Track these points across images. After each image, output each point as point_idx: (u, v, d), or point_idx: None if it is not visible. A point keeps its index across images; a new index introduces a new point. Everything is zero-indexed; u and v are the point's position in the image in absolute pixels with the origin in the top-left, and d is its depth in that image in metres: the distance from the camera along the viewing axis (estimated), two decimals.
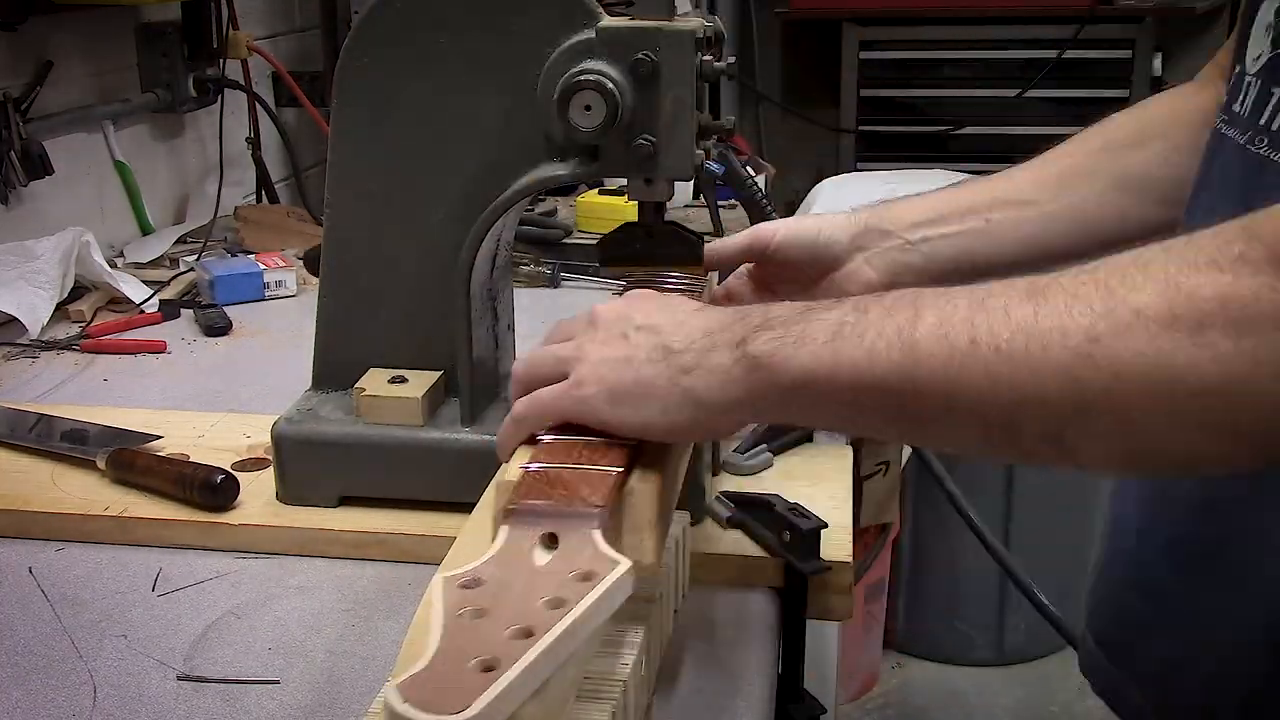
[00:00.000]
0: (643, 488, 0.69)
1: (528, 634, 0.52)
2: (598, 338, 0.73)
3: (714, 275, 1.00)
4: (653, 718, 0.74)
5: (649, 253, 0.93)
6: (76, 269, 1.50)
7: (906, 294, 0.64)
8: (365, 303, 0.96)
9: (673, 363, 0.69)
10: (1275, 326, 0.53)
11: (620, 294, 0.83)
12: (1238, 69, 0.82)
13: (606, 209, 1.72)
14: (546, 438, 0.73)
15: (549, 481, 0.67)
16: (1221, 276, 0.54)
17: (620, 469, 0.68)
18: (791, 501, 0.90)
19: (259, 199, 2.08)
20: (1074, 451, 0.59)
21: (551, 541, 0.61)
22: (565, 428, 0.74)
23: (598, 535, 0.61)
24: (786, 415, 0.71)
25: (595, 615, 0.55)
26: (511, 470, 0.68)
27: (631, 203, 0.94)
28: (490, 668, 0.50)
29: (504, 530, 0.62)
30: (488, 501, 0.73)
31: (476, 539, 0.67)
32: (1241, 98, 0.80)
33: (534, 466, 0.68)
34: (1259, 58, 0.80)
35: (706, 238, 0.94)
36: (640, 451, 0.72)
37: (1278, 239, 0.54)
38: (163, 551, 0.92)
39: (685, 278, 0.91)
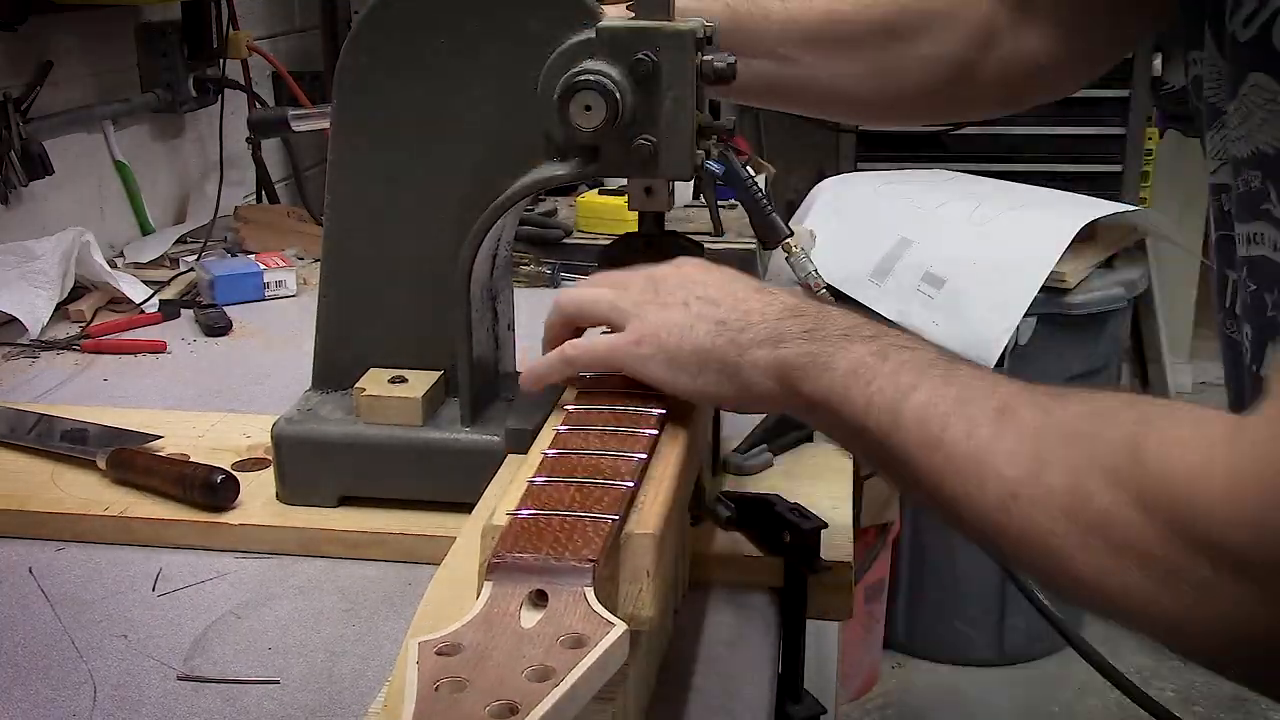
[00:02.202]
0: (641, 535, 0.66)
1: (510, 711, 0.48)
2: (659, 299, 0.78)
3: None
4: (653, 718, 0.74)
5: (649, 262, 0.93)
6: (76, 269, 1.50)
7: (922, 355, 0.70)
8: (365, 303, 0.96)
9: (729, 339, 0.75)
10: (1141, 566, 0.57)
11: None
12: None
13: (606, 209, 1.72)
14: (571, 408, 0.76)
15: (537, 532, 0.62)
16: (1118, 494, 0.58)
17: (615, 517, 0.64)
18: (791, 501, 0.90)
19: (259, 199, 2.08)
20: (1010, 562, 0.65)
21: (540, 599, 0.57)
22: (599, 380, 0.78)
23: (590, 593, 0.57)
24: (811, 421, 0.79)
25: (585, 688, 0.51)
26: (498, 514, 0.65)
27: (633, 212, 0.94)
28: None
29: (488, 587, 0.58)
30: (463, 549, 0.71)
31: (454, 583, 0.65)
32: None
33: (523, 513, 0.64)
34: (1212, 237, 0.84)
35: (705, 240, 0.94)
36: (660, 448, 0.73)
37: (1161, 493, 0.57)
38: (163, 551, 0.92)
39: None
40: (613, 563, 0.65)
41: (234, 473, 0.95)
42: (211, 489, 0.93)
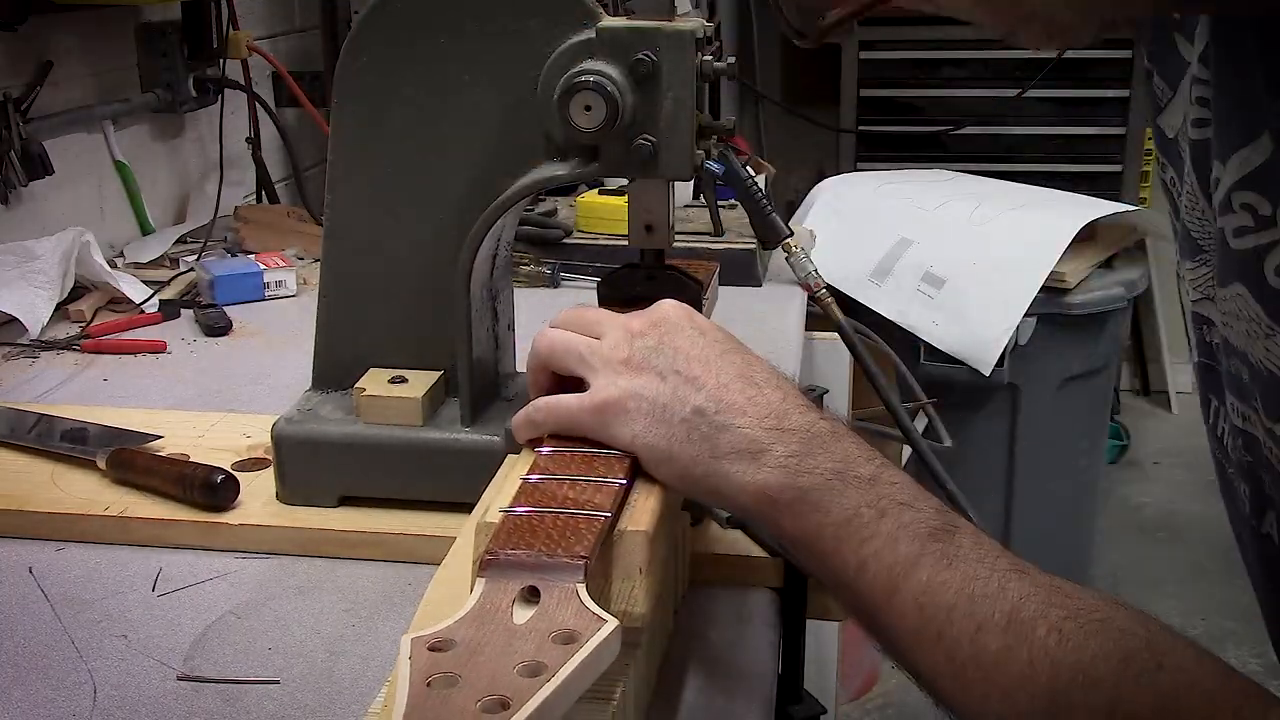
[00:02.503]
0: (634, 532, 0.66)
1: (502, 706, 0.48)
2: (633, 361, 0.72)
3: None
4: (653, 718, 0.74)
5: (649, 295, 0.94)
6: (76, 269, 1.50)
7: (922, 518, 0.66)
8: (365, 303, 0.96)
9: (707, 438, 0.69)
10: None
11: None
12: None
13: (606, 209, 1.72)
14: (545, 450, 0.72)
15: (530, 529, 0.62)
16: None
17: (608, 514, 0.64)
18: None
19: (259, 199, 2.08)
20: None
21: (532, 595, 0.57)
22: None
23: (582, 590, 0.57)
24: (785, 545, 0.72)
25: (577, 683, 0.51)
26: (491, 511, 0.66)
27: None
28: None
29: (480, 583, 0.58)
30: (462, 549, 0.71)
31: (454, 582, 0.65)
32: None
33: (517, 510, 0.64)
34: (1192, 357, 0.82)
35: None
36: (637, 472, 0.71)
37: None
38: (163, 551, 0.92)
39: None
40: (605, 560, 0.65)
41: (234, 473, 0.95)
42: (211, 489, 0.93)
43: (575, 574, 0.58)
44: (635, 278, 0.93)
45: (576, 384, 0.76)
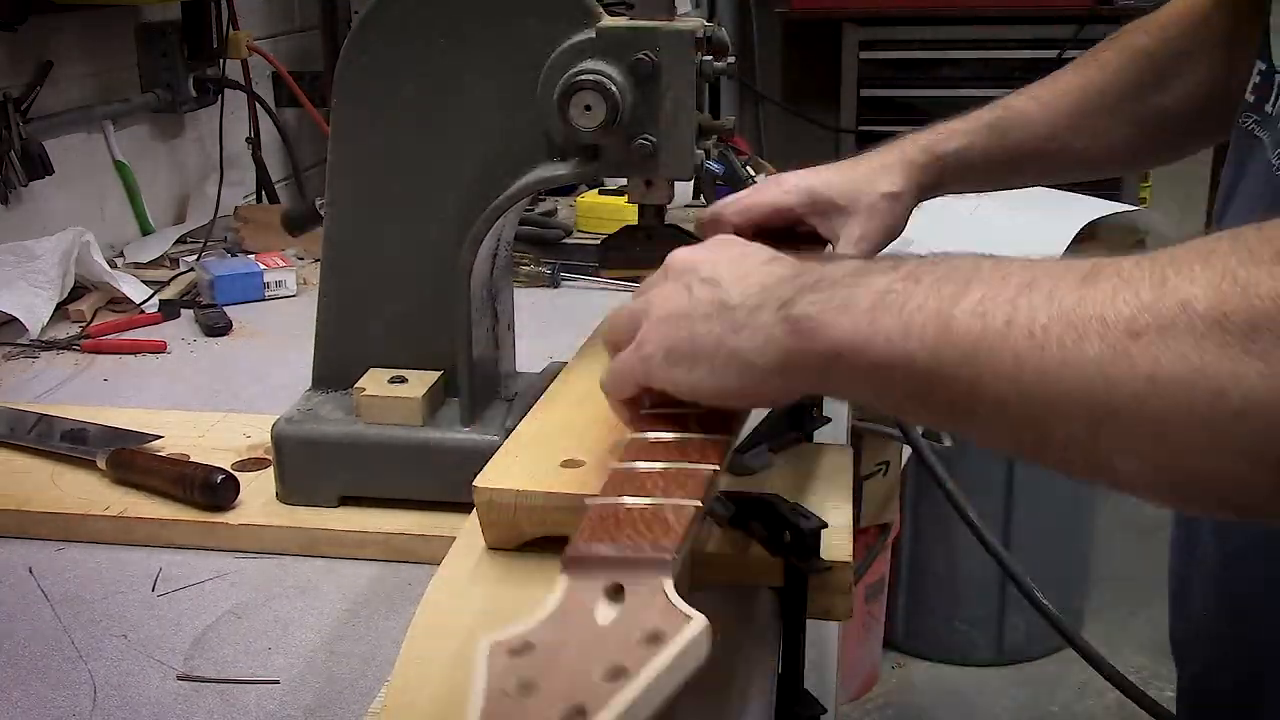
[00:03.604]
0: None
1: (579, 713, 0.45)
2: (665, 290, 0.69)
3: None
4: (653, 718, 0.74)
5: (649, 255, 0.93)
6: (76, 269, 1.50)
7: (965, 261, 0.59)
8: (365, 303, 0.96)
9: (726, 319, 0.64)
10: None
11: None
12: (1263, 66, 0.80)
13: (606, 209, 1.72)
14: (636, 435, 0.69)
15: (615, 521, 0.59)
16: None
17: (698, 504, 0.61)
18: (791, 501, 0.90)
19: (259, 199, 2.08)
20: (1108, 466, 0.52)
21: (618, 593, 0.54)
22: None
23: (669, 585, 0.54)
24: (826, 387, 0.67)
25: (662, 686, 0.48)
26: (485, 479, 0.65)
27: (632, 204, 0.94)
28: None
29: (563, 580, 0.55)
30: (462, 549, 0.71)
31: (454, 583, 0.65)
32: (1274, 99, 0.78)
33: (599, 500, 0.61)
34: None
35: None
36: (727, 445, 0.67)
37: None
38: (163, 551, 0.92)
39: None
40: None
41: (234, 473, 0.95)
42: (211, 489, 0.93)
43: (663, 569, 0.55)
44: (634, 238, 0.93)
45: None
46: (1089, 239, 2.55)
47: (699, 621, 0.51)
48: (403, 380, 0.94)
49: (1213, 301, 0.48)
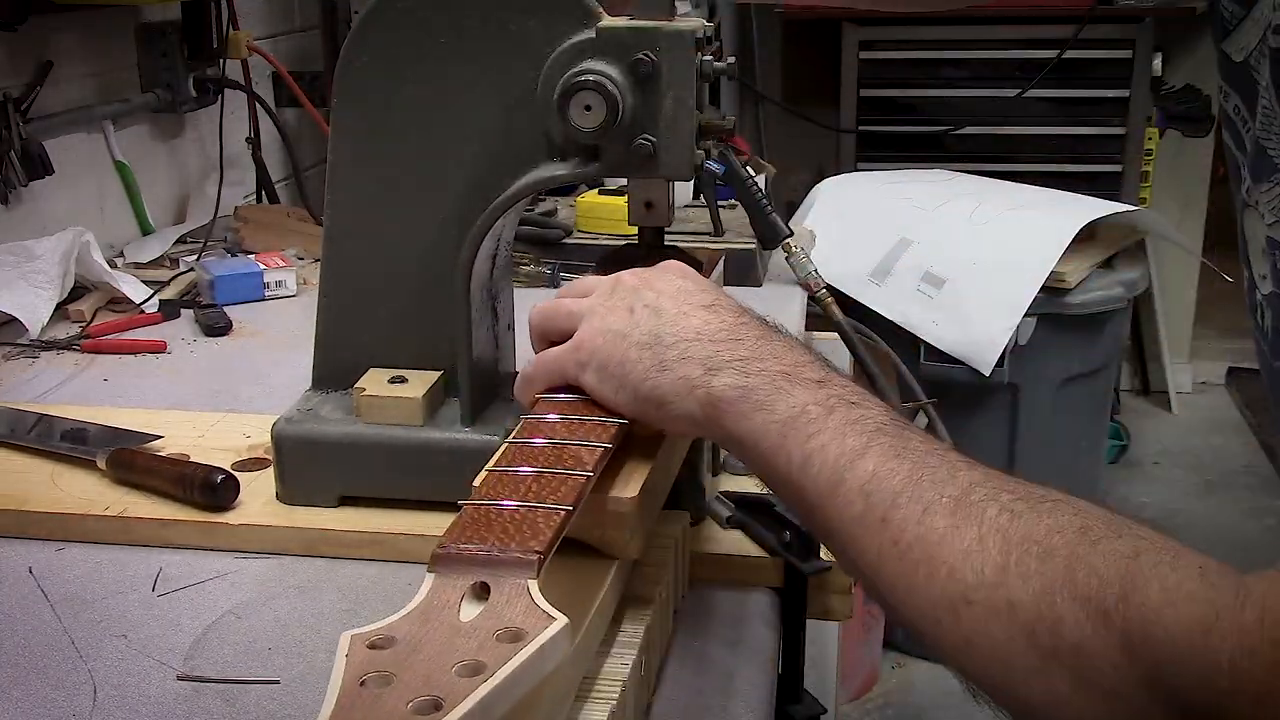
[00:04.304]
0: (625, 498, 0.68)
1: (434, 707, 0.46)
2: (609, 303, 0.75)
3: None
4: (653, 718, 0.74)
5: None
6: (76, 269, 1.50)
7: (871, 414, 0.65)
8: (365, 303, 0.96)
9: (656, 355, 0.70)
10: (1107, 705, 0.54)
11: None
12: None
13: (606, 209, 1.72)
14: (546, 399, 0.74)
15: (486, 522, 0.61)
16: (1099, 629, 0.54)
17: (569, 509, 0.63)
18: None
19: (259, 199, 2.08)
20: (949, 663, 0.61)
21: (483, 592, 0.55)
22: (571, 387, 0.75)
23: (534, 585, 0.55)
24: (733, 453, 0.73)
25: (518, 683, 0.49)
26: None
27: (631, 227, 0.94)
28: None
29: (429, 578, 0.57)
30: None
31: None
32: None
33: (473, 503, 0.63)
34: (1264, 278, 0.79)
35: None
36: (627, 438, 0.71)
37: (1153, 643, 0.53)
38: (163, 551, 0.92)
39: None
40: (598, 514, 0.67)
41: (234, 473, 0.95)
42: (211, 489, 0.93)
43: (528, 570, 0.56)
44: (634, 256, 0.93)
45: None
46: (1089, 238, 2.55)
47: (560, 622, 0.52)
48: (403, 380, 0.94)
49: (1031, 619, 0.55)
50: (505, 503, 0.63)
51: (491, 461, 0.70)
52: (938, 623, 0.59)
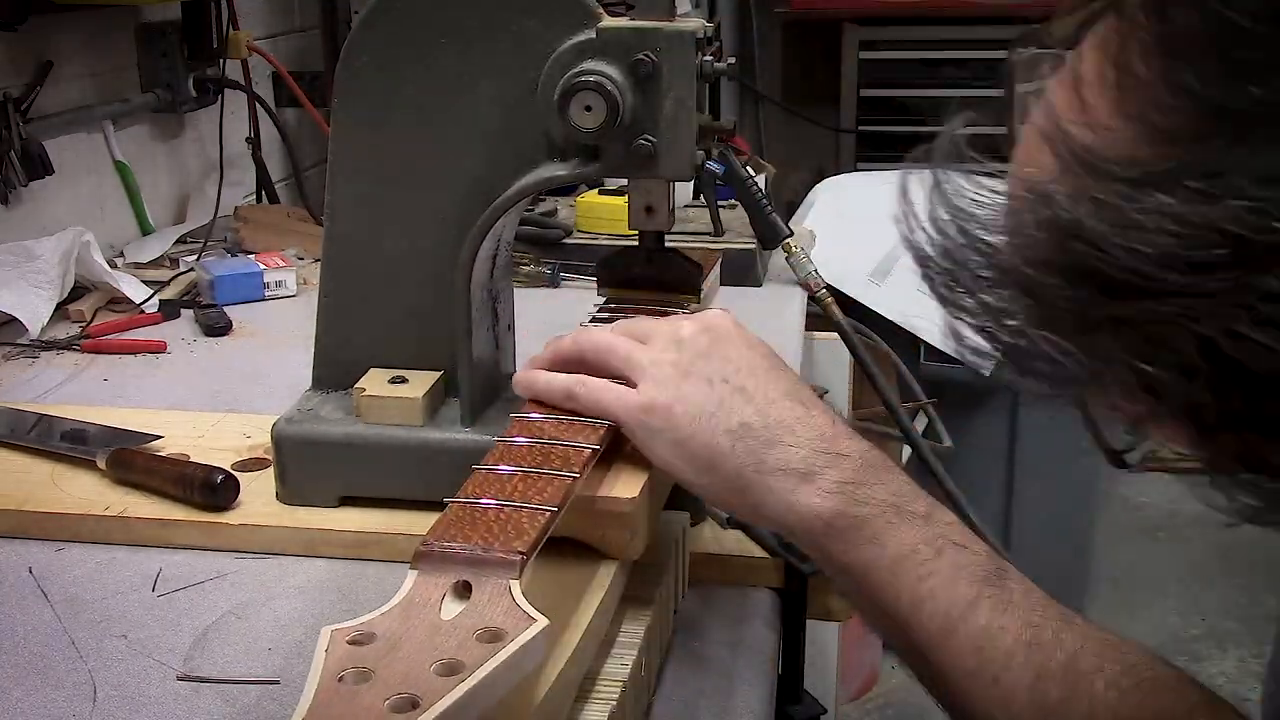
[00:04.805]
0: (626, 498, 0.68)
1: (411, 705, 0.46)
2: (680, 364, 0.71)
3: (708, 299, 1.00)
4: (653, 718, 0.74)
5: (647, 277, 0.93)
6: (76, 269, 1.50)
7: (976, 560, 0.65)
8: (365, 303, 0.96)
9: (750, 449, 0.68)
10: None
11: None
12: None
13: (606, 209, 1.72)
14: (510, 438, 0.72)
15: (472, 520, 0.61)
16: None
17: (554, 509, 0.63)
18: None
19: (259, 199, 2.08)
20: None
21: (465, 590, 0.55)
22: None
23: (516, 586, 0.55)
24: (823, 569, 0.71)
25: (495, 684, 0.48)
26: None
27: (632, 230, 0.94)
28: None
29: (411, 576, 0.57)
30: None
31: None
32: None
33: (458, 499, 0.63)
34: None
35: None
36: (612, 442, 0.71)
37: None
38: (163, 551, 0.92)
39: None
40: (595, 514, 0.66)
41: (234, 473, 0.95)
42: (211, 489, 0.93)
43: (511, 570, 0.56)
44: (634, 259, 0.93)
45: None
46: None
47: (540, 624, 0.52)
48: (403, 380, 0.94)
49: None
50: (489, 502, 0.63)
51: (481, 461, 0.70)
52: None
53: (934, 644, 0.64)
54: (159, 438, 1.04)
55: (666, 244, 0.96)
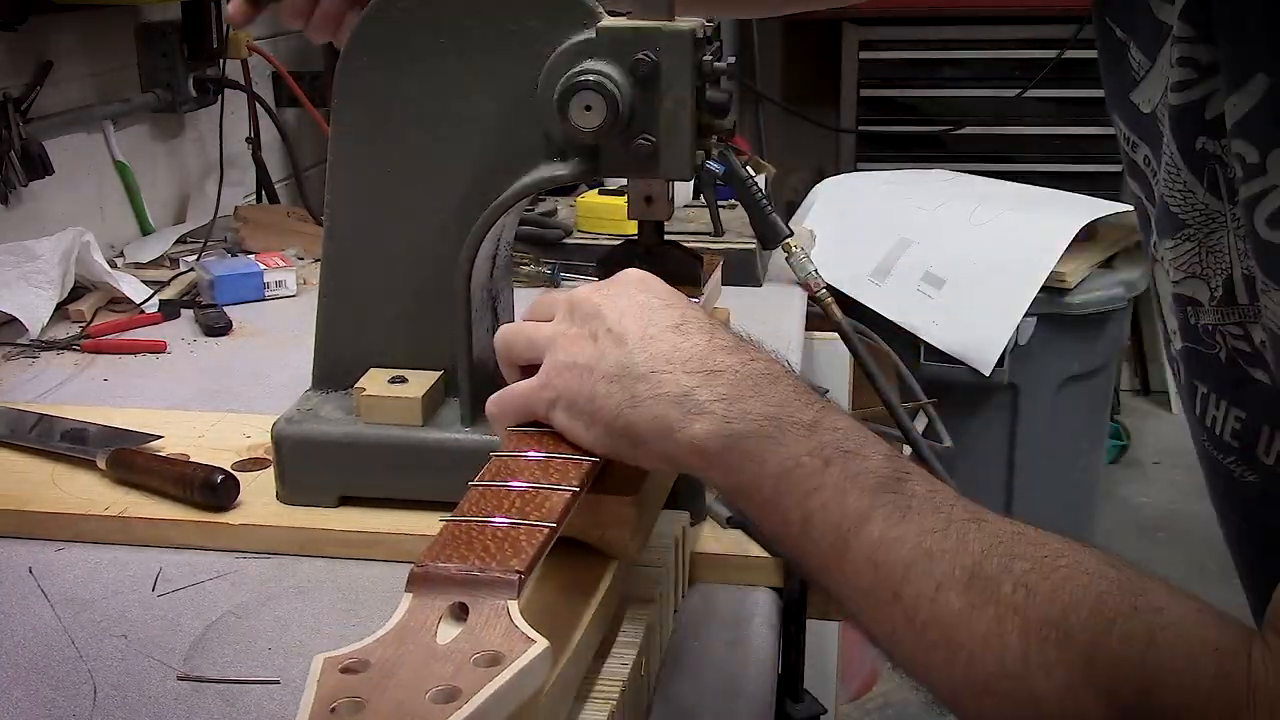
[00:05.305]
0: (625, 498, 0.67)
1: None
2: (570, 332, 0.69)
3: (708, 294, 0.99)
4: (653, 718, 0.74)
5: (649, 271, 0.93)
6: (76, 269, 1.50)
7: (870, 466, 0.61)
8: (365, 303, 0.96)
9: (625, 387, 0.65)
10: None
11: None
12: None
13: (606, 209, 1.72)
14: (514, 433, 0.70)
15: (467, 540, 0.59)
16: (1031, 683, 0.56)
17: (553, 525, 0.61)
18: None
19: (259, 199, 2.08)
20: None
21: (462, 612, 0.54)
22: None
23: (514, 606, 0.53)
24: (722, 496, 0.69)
25: (494, 709, 0.47)
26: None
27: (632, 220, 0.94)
28: None
29: (406, 599, 0.55)
30: None
31: None
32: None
33: (452, 518, 0.61)
34: (1175, 333, 0.76)
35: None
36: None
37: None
38: (163, 551, 0.92)
39: None
40: (597, 513, 0.65)
41: (234, 473, 0.95)
42: (211, 489, 0.93)
43: (509, 590, 0.54)
44: (633, 253, 0.93)
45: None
46: (1089, 238, 2.55)
47: (540, 645, 0.50)
48: (403, 380, 0.94)
49: (1055, 711, 0.56)
50: (486, 519, 0.61)
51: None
52: (957, 702, 0.58)
53: (827, 563, 0.60)
54: (159, 438, 1.04)
55: (666, 236, 0.96)
